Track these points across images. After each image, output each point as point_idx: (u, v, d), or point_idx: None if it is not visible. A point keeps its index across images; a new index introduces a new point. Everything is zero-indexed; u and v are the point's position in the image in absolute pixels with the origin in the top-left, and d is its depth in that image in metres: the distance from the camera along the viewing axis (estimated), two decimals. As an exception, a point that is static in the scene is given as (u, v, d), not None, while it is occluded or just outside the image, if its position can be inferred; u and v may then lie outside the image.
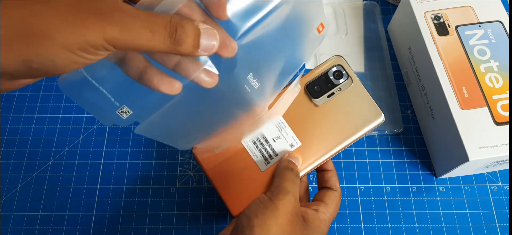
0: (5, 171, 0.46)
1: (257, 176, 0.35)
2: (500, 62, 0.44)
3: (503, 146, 0.40)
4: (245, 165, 0.35)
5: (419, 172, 0.46)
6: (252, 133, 0.36)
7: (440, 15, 0.46)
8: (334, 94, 0.36)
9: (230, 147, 0.35)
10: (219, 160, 0.35)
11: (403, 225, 0.44)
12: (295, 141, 0.35)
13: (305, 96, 0.37)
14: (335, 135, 0.35)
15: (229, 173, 0.35)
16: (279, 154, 0.35)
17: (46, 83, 0.51)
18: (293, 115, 0.36)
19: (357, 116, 0.36)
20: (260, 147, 0.35)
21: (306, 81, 0.37)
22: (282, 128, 0.36)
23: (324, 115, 0.36)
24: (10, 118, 0.49)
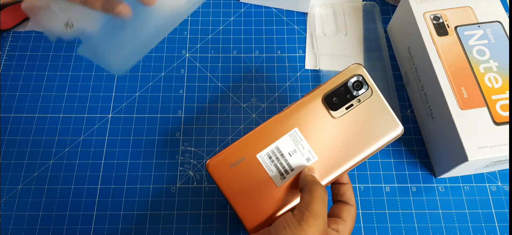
0: (6, 171, 0.46)
1: (273, 191, 0.34)
2: (499, 62, 0.44)
3: (502, 146, 0.40)
4: (260, 180, 0.34)
5: (419, 172, 0.46)
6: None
7: (440, 16, 0.47)
8: (353, 105, 0.35)
9: (243, 163, 0.35)
10: (233, 176, 0.35)
11: (402, 225, 0.44)
12: (311, 155, 0.35)
13: (322, 108, 0.35)
14: (352, 148, 0.35)
15: (244, 188, 0.34)
16: (295, 169, 0.35)
17: (47, 83, 0.51)
18: (310, 127, 0.35)
19: (375, 128, 0.35)
20: (275, 161, 0.35)
21: (324, 92, 0.36)
22: (299, 142, 0.35)
23: (341, 128, 0.35)
24: (11, 118, 0.49)
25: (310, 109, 0.35)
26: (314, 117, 0.35)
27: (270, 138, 0.35)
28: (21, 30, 0.55)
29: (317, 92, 0.36)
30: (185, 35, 0.55)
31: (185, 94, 0.51)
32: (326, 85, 0.36)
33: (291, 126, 0.35)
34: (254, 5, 0.58)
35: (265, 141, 0.35)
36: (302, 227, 0.30)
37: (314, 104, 0.35)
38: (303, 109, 0.35)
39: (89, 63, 0.53)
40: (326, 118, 0.35)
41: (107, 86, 0.51)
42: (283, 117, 0.35)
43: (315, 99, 0.35)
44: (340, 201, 0.36)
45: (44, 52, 0.53)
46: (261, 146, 0.35)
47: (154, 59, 0.53)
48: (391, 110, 0.35)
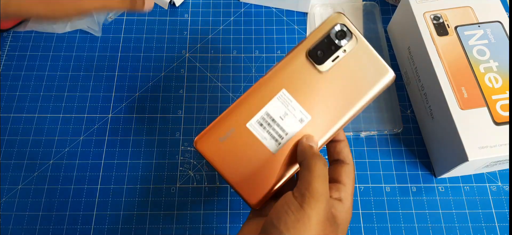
0: (5, 171, 0.46)
1: (270, 159, 0.32)
2: (500, 62, 0.44)
3: (503, 146, 0.40)
4: (254, 150, 0.32)
5: (419, 172, 0.46)
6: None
7: (440, 16, 0.46)
8: (338, 56, 0.33)
9: (233, 134, 0.33)
10: (225, 150, 0.33)
11: (402, 225, 0.44)
12: (304, 115, 0.33)
13: (308, 64, 0.33)
14: (345, 100, 0.33)
15: (239, 162, 0.32)
16: (289, 133, 0.33)
17: (47, 83, 0.51)
18: (298, 86, 0.33)
19: (366, 77, 0.33)
20: (267, 128, 0.33)
21: (307, 47, 0.33)
22: (288, 103, 0.33)
23: (330, 81, 0.33)
24: (10, 118, 0.49)
25: (295, 67, 0.33)
26: (301, 75, 0.33)
27: (258, 104, 0.33)
28: (21, 30, 0.55)
29: (299, 48, 0.33)
30: (185, 35, 0.55)
31: (185, 94, 0.51)
32: (308, 39, 0.33)
33: (278, 88, 0.33)
34: (254, 5, 0.57)
35: (253, 108, 0.33)
36: (305, 211, 0.28)
37: (298, 61, 0.33)
38: (287, 68, 0.33)
39: (89, 63, 0.53)
40: (313, 74, 0.33)
41: (107, 86, 0.51)
42: (268, 80, 0.33)
43: (299, 56, 0.33)
44: (337, 160, 0.34)
45: (43, 52, 0.53)
46: (250, 114, 0.33)
47: (154, 59, 0.53)
48: (380, 57, 0.33)
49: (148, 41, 0.54)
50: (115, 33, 0.55)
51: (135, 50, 0.54)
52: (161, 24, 0.56)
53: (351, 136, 0.48)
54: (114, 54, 0.53)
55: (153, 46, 0.54)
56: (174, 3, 0.57)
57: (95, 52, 0.54)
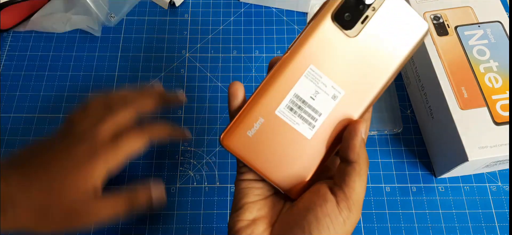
0: (6, 171, 0.46)
1: (305, 145, 0.29)
2: (500, 62, 0.44)
3: (502, 146, 0.40)
4: (288, 138, 0.29)
5: (419, 172, 0.46)
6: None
7: (440, 16, 0.47)
8: (368, 17, 0.29)
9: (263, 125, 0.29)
10: (256, 143, 0.29)
11: (402, 225, 0.44)
12: (337, 90, 0.29)
13: (335, 30, 0.28)
14: (380, 66, 0.29)
15: (273, 154, 0.29)
16: (322, 113, 0.29)
17: (47, 83, 0.51)
18: (327, 58, 0.29)
19: (399, 35, 0.29)
20: (299, 111, 0.29)
21: (332, 11, 0.28)
22: (318, 80, 0.29)
23: (362, 47, 0.29)
24: (10, 118, 0.49)
25: (321, 36, 0.28)
26: (328, 44, 0.29)
27: (285, 86, 0.29)
28: (21, 30, 0.55)
29: (323, 13, 0.29)
30: (185, 35, 0.55)
31: (185, 94, 0.51)
32: (331, 1, 0.29)
33: (305, 65, 0.29)
34: (254, 5, 0.58)
35: (280, 92, 0.29)
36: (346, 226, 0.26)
37: (324, 29, 0.29)
38: (313, 39, 0.29)
39: (88, 63, 0.53)
40: (342, 41, 0.29)
41: (107, 86, 0.51)
42: (292, 57, 0.29)
43: (324, 23, 0.29)
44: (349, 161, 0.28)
45: (44, 52, 0.53)
46: (278, 100, 0.29)
47: (154, 59, 0.53)
48: (411, 8, 0.29)
49: (148, 41, 0.55)
50: (115, 33, 0.55)
51: (135, 50, 0.54)
52: (161, 24, 0.56)
53: (351, 136, 0.48)
54: (114, 54, 0.53)
55: (153, 46, 0.54)
56: (174, 3, 0.57)
57: (95, 52, 0.54)
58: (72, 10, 0.53)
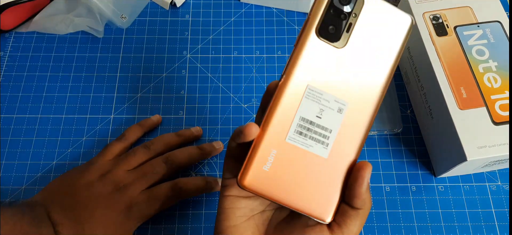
0: (9, 171, 0.46)
1: (325, 165, 0.29)
2: (499, 62, 0.44)
3: (501, 145, 0.40)
4: (305, 163, 0.29)
5: (418, 172, 0.47)
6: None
7: (439, 16, 0.47)
8: (352, 24, 0.29)
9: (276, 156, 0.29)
10: (274, 176, 0.29)
11: (402, 224, 0.44)
12: (340, 104, 0.29)
13: (322, 45, 0.28)
14: (376, 67, 0.29)
15: (294, 182, 0.29)
16: (332, 129, 0.29)
17: (49, 84, 0.51)
18: (322, 75, 0.29)
19: (387, 34, 0.29)
20: (309, 133, 0.29)
21: (314, 27, 0.29)
22: (320, 98, 0.29)
23: (354, 54, 0.29)
24: (14, 118, 0.49)
25: (311, 54, 0.29)
26: (320, 61, 0.29)
27: (288, 113, 0.29)
28: (23, 31, 0.55)
29: (307, 30, 0.29)
30: (186, 35, 0.55)
31: (186, 94, 0.51)
32: (312, 17, 0.29)
33: (302, 86, 0.29)
34: (254, 5, 0.58)
35: (285, 120, 0.29)
36: None
37: (312, 46, 0.29)
38: (303, 59, 0.29)
39: (91, 63, 0.53)
40: (333, 54, 0.29)
41: (109, 87, 0.51)
42: (287, 82, 0.29)
43: (310, 40, 0.29)
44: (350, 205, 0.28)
45: (46, 53, 0.54)
46: (285, 127, 0.29)
47: (155, 59, 0.53)
48: (392, 5, 0.29)
49: (150, 41, 0.55)
50: (117, 33, 0.55)
51: (137, 50, 0.54)
52: (162, 24, 0.56)
53: (351, 136, 0.48)
54: (116, 55, 0.54)
55: (155, 47, 0.54)
56: (175, 4, 0.57)
57: (97, 53, 0.54)
58: (75, 11, 0.54)
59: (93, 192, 0.40)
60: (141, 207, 0.40)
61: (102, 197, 0.40)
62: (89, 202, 0.39)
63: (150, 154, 0.44)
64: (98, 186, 0.40)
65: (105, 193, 0.40)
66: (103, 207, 0.39)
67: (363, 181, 0.27)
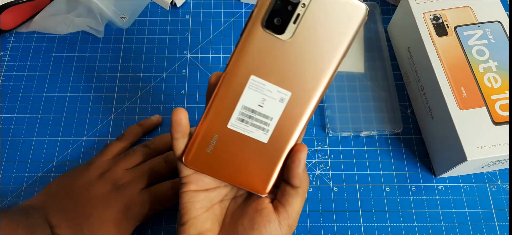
0: (10, 171, 0.46)
1: (263, 149, 0.31)
2: (499, 62, 0.44)
3: (502, 145, 0.40)
4: (246, 147, 0.31)
5: (418, 172, 0.47)
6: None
7: (439, 16, 0.47)
8: (299, 15, 0.28)
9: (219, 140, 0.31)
10: (216, 158, 0.31)
11: (402, 224, 0.44)
12: (283, 93, 0.30)
13: (268, 37, 0.28)
14: (323, 58, 0.29)
15: (235, 163, 0.31)
16: (273, 117, 0.30)
17: (49, 84, 0.51)
18: (266, 66, 0.29)
19: (337, 22, 0.28)
20: (250, 121, 0.30)
21: (260, 18, 0.28)
22: (262, 88, 0.30)
23: (300, 46, 0.29)
24: (14, 118, 0.49)
25: (255, 46, 0.29)
26: (265, 53, 0.29)
27: (231, 101, 0.30)
28: (23, 30, 0.55)
29: (252, 21, 0.28)
30: (186, 35, 0.55)
31: (187, 94, 0.51)
32: (258, 8, 0.28)
33: (246, 76, 0.29)
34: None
35: (228, 107, 0.30)
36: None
37: (256, 39, 0.28)
38: (248, 50, 0.29)
39: (91, 63, 0.53)
40: (278, 46, 0.28)
41: (109, 87, 0.51)
42: (233, 71, 0.29)
43: (255, 32, 0.28)
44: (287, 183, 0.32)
45: (46, 52, 0.54)
46: (228, 114, 0.30)
47: (156, 60, 0.53)
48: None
49: (150, 41, 0.55)
50: (117, 33, 0.55)
51: (137, 50, 0.54)
52: (162, 24, 0.56)
53: (351, 136, 0.49)
54: (116, 55, 0.54)
55: (155, 47, 0.54)
56: (175, 4, 0.57)
57: (97, 53, 0.54)
58: (75, 11, 0.54)
59: (92, 192, 0.40)
60: (140, 206, 0.40)
61: (101, 197, 0.40)
62: (87, 202, 0.39)
63: (149, 153, 0.44)
64: (97, 185, 0.40)
65: (104, 192, 0.40)
66: (101, 207, 0.39)
67: (300, 162, 0.30)
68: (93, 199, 0.39)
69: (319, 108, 0.50)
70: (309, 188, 0.45)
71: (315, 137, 0.49)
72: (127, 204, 0.40)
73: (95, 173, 0.41)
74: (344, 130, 0.48)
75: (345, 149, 0.48)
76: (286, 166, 0.31)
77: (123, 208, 0.39)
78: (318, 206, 0.45)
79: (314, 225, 0.44)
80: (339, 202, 0.45)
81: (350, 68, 0.52)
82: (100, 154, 0.44)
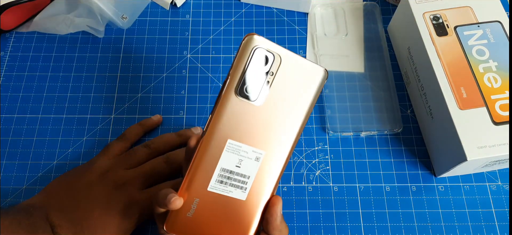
0: (10, 171, 0.46)
1: (242, 206, 0.33)
2: (499, 62, 0.44)
3: (502, 145, 0.40)
4: (226, 207, 0.32)
5: (419, 172, 0.47)
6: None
7: (439, 16, 0.47)
8: (268, 82, 0.31)
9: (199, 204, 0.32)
10: (198, 221, 0.32)
11: (402, 224, 0.44)
12: (258, 153, 0.32)
13: (241, 103, 0.31)
14: (291, 116, 0.32)
15: (216, 224, 0.33)
16: (250, 175, 0.32)
17: (50, 84, 0.52)
18: (241, 129, 0.31)
19: (302, 85, 0.31)
20: (229, 181, 0.32)
21: (233, 87, 0.31)
22: (239, 150, 0.32)
23: (271, 109, 0.31)
24: (14, 118, 0.49)
25: (230, 113, 0.31)
26: (239, 117, 0.31)
27: (210, 165, 0.32)
28: (23, 31, 0.55)
29: (226, 90, 0.31)
30: (186, 35, 0.55)
31: (187, 94, 0.51)
32: (232, 76, 0.31)
33: (223, 141, 0.31)
34: (255, 5, 0.58)
35: (207, 171, 0.32)
36: None
37: (231, 105, 0.31)
38: (224, 117, 0.31)
39: (91, 63, 0.53)
40: (251, 110, 0.31)
41: (109, 87, 0.51)
42: (210, 137, 0.31)
43: (230, 99, 0.31)
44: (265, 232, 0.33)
45: (46, 53, 0.54)
46: (207, 178, 0.32)
47: (156, 59, 0.53)
48: (307, 60, 0.32)
49: (150, 42, 0.55)
50: (117, 33, 0.55)
51: (137, 50, 0.54)
52: (163, 24, 0.56)
53: (351, 136, 0.49)
54: (116, 55, 0.54)
55: (155, 47, 0.54)
56: (175, 4, 0.57)
57: (97, 53, 0.54)
58: (75, 11, 0.54)
59: (93, 192, 0.40)
60: (140, 206, 0.40)
61: (101, 196, 0.40)
62: (88, 202, 0.39)
63: (150, 153, 0.44)
64: (98, 185, 0.40)
65: (105, 192, 0.40)
66: (102, 207, 0.39)
67: (277, 214, 0.32)
68: (94, 199, 0.39)
69: (319, 108, 0.50)
70: (309, 188, 0.45)
71: (315, 137, 0.49)
72: (128, 204, 0.40)
73: (96, 173, 0.41)
74: (344, 130, 0.48)
75: (345, 149, 0.48)
76: (265, 219, 0.32)
77: (123, 207, 0.39)
78: (318, 206, 0.45)
79: (314, 225, 0.44)
80: (339, 202, 0.45)
81: (350, 68, 0.53)
82: (101, 154, 0.44)
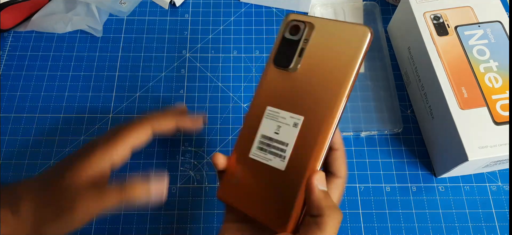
0: (6, 171, 0.46)
1: (281, 178, 0.31)
2: (500, 62, 0.44)
3: (502, 146, 0.40)
4: (265, 176, 0.31)
5: (419, 172, 0.47)
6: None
7: (440, 15, 0.47)
8: (303, 49, 0.32)
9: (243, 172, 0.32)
10: (243, 189, 0.32)
11: (402, 225, 0.44)
12: (296, 118, 0.31)
13: (279, 72, 0.33)
14: (331, 83, 0.30)
15: (257, 195, 0.32)
16: (289, 142, 0.31)
17: (47, 83, 0.51)
18: (279, 96, 0.32)
19: (343, 49, 0.30)
20: (268, 149, 0.32)
21: (272, 58, 0.33)
22: (277, 116, 0.32)
23: (307, 74, 0.31)
24: (11, 117, 0.49)
25: (269, 81, 0.33)
26: (277, 85, 0.33)
27: (252, 132, 0.33)
28: (21, 30, 0.55)
29: (267, 63, 0.34)
30: (185, 35, 0.55)
31: (186, 94, 0.51)
32: (271, 52, 0.34)
33: (263, 108, 0.33)
34: (254, 5, 0.58)
35: (249, 138, 0.33)
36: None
37: (270, 74, 0.33)
38: (264, 86, 0.33)
39: (90, 63, 0.53)
40: (287, 78, 0.32)
41: (107, 86, 0.51)
42: (252, 107, 0.34)
43: (269, 70, 0.33)
44: (329, 172, 0.32)
45: (44, 52, 0.54)
46: (249, 145, 0.33)
47: (155, 59, 0.53)
48: (346, 22, 0.31)
49: (149, 41, 0.55)
50: (116, 33, 0.55)
51: (136, 50, 0.54)
52: (162, 24, 0.56)
53: (351, 136, 0.48)
54: (115, 54, 0.54)
55: (154, 46, 0.54)
56: (174, 3, 0.57)
57: (95, 52, 0.54)
58: (73, 11, 0.54)
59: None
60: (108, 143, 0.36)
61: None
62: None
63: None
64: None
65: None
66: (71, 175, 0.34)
67: (312, 189, 0.28)
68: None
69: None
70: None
71: (315, 137, 0.48)
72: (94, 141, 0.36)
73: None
74: (344, 130, 0.48)
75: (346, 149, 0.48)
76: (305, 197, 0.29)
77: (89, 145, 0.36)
78: (318, 207, 0.45)
79: (314, 226, 0.44)
80: (339, 202, 0.45)
81: (350, 68, 0.52)
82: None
